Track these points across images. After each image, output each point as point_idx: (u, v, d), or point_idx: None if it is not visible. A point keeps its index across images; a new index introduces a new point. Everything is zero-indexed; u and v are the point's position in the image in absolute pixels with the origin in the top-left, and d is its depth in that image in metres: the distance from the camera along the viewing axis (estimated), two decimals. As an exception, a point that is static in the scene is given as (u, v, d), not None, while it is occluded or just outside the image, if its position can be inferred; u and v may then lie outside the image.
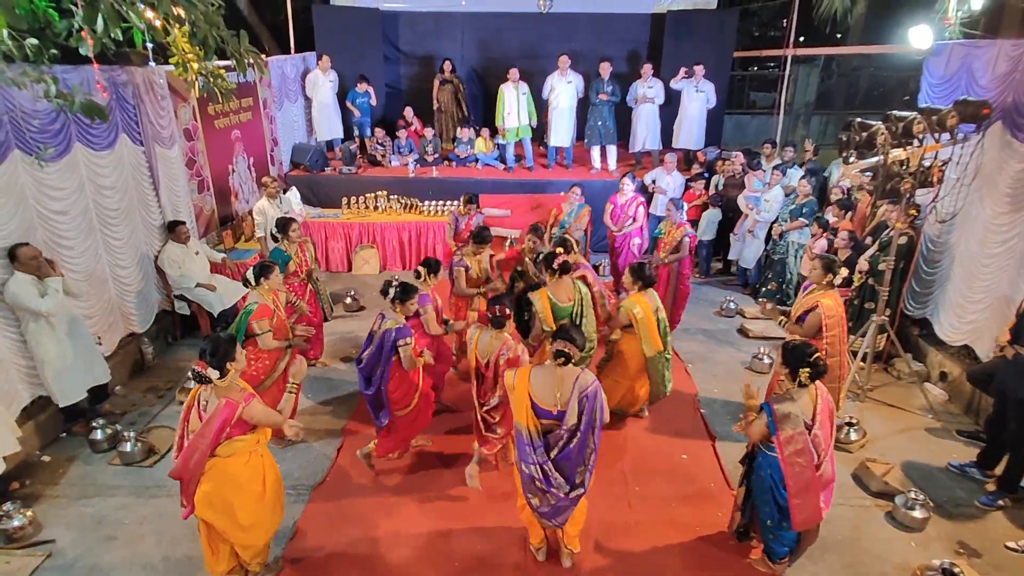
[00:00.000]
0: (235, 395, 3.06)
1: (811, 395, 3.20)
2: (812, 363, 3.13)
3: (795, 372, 3.18)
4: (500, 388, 3.75)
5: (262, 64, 4.80)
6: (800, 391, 3.20)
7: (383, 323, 4.06)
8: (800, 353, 3.18)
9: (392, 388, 4.09)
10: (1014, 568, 3.65)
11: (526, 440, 3.17)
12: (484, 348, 3.84)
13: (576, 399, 3.12)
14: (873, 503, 4.19)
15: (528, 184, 8.84)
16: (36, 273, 4.28)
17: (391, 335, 3.96)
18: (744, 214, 7.43)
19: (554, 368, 3.16)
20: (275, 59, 8.78)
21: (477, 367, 3.89)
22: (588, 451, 3.16)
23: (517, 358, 3.74)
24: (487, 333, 3.85)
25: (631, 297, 4.57)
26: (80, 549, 3.74)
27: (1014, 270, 4.79)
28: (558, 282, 4.44)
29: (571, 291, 4.44)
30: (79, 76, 4.59)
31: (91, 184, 5.01)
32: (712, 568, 3.65)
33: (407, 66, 10.89)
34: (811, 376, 3.15)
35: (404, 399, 4.16)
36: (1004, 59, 4.91)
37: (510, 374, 3.28)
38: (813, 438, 3.13)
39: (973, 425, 4.98)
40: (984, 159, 4.87)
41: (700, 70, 8.62)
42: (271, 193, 6.57)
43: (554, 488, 3.16)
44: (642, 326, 4.47)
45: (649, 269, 4.62)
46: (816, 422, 3.15)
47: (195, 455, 3.03)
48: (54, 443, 4.72)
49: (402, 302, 4.11)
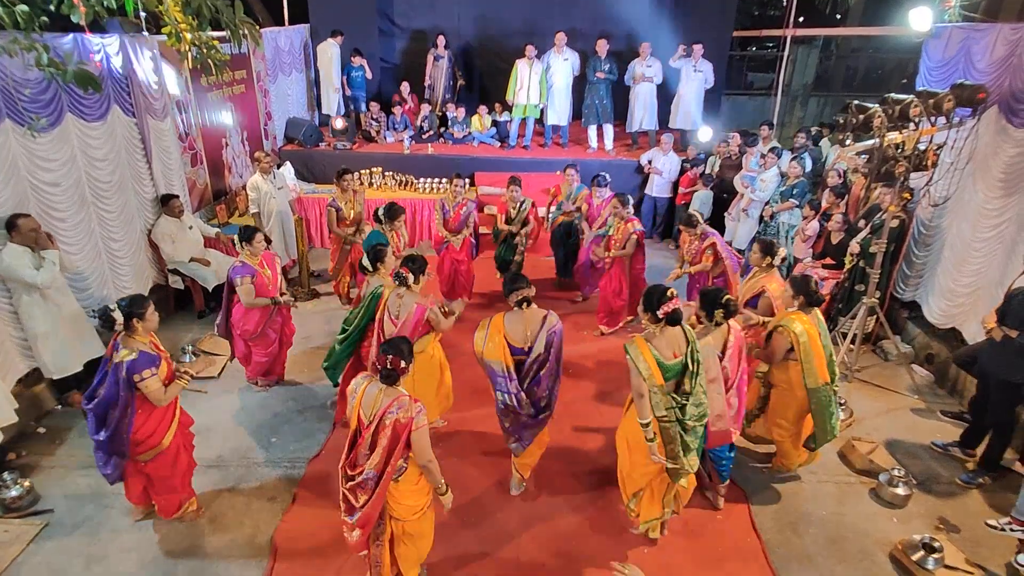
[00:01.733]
0: (422, 300, 3.89)
1: (723, 332, 3.57)
2: (724, 304, 3.51)
3: (711, 314, 3.54)
4: (378, 458, 2.81)
5: (257, 35, 4.73)
6: (714, 328, 3.57)
7: (116, 354, 3.29)
8: (713, 296, 3.56)
9: (136, 427, 3.36)
10: (991, 543, 3.76)
11: (502, 374, 3.59)
12: (369, 404, 2.89)
13: (545, 335, 3.58)
14: (857, 480, 4.29)
15: (524, 163, 8.81)
16: (33, 245, 4.26)
17: (123, 369, 3.23)
18: (739, 194, 7.45)
19: (521, 313, 3.63)
20: (269, 31, 8.63)
21: (358, 426, 2.92)
22: (553, 378, 3.65)
23: (410, 423, 2.80)
24: (375, 385, 2.91)
25: (791, 315, 3.88)
26: (78, 518, 3.79)
27: (1003, 255, 4.85)
28: (664, 332, 3.26)
29: (680, 343, 3.28)
30: (71, 44, 4.51)
31: (83, 156, 4.96)
32: (701, 537, 3.75)
33: (403, 40, 10.74)
34: (724, 315, 3.53)
35: (150, 440, 3.43)
36: (1003, 43, 4.91)
37: (484, 323, 3.68)
38: (722, 368, 3.50)
39: (957, 406, 5.09)
40: (979, 144, 4.89)
41: (699, 49, 8.53)
42: (264, 168, 6.51)
43: (523, 412, 3.63)
44: (804, 351, 3.75)
45: (814, 283, 3.90)
46: (726, 355, 3.52)
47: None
48: (49, 415, 4.74)
49: None
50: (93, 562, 3.51)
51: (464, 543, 3.68)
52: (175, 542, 3.65)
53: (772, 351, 3.92)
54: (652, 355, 3.21)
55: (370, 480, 2.83)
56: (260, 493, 4.03)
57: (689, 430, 3.27)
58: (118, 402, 3.25)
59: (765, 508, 4.01)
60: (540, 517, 3.89)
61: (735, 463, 4.05)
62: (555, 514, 3.92)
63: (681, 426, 3.26)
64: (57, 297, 4.49)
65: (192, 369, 3.68)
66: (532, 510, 3.95)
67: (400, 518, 3.00)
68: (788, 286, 3.99)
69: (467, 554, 3.61)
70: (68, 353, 4.61)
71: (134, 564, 3.50)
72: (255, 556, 3.56)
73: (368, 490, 2.86)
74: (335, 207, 6.10)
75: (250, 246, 4.70)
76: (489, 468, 4.26)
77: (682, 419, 3.25)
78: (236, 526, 3.76)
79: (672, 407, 3.24)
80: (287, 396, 5.05)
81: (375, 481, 2.83)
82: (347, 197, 6.17)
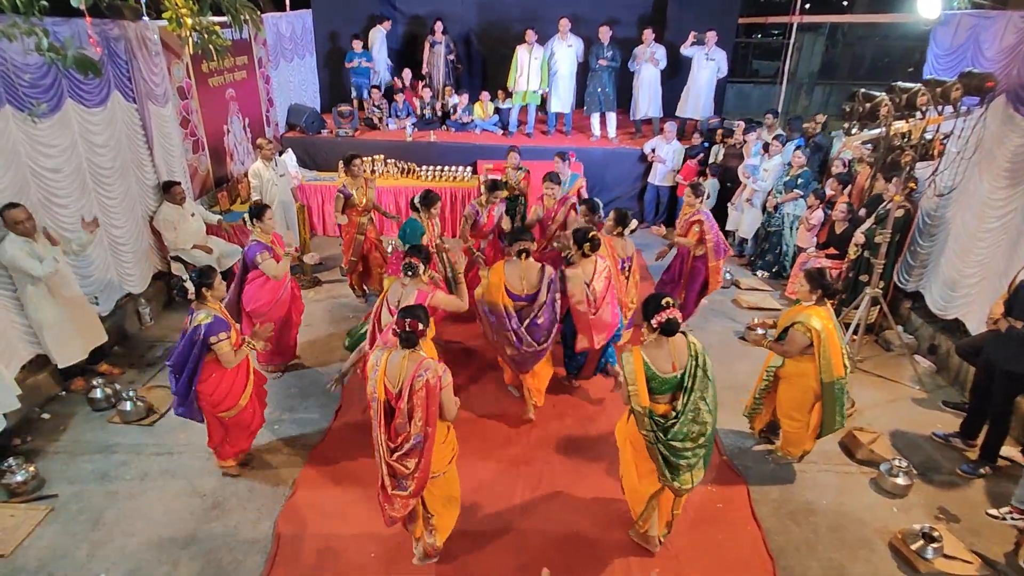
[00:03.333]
0: (424, 287, 3.92)
1: (592, 263, 4.40)
2: (590, 239, 4.33)
3: (580, 247, 4.32)
4: (420, 421, 2.93)
5: (258, 20, 4.70)
6: (583, 259, 4.39)
7: (193, 318, 3.66)
8: (583, 234, 4.36)
9: (208, 390, 3.73)
10: (990, 533, 3.78)
11: (504, 314, 4.24)
12: (395, 373, 2.96)
13: (546, 285, 4.28)
14: (858, 470, 4.30)
15: (527, 150, 8.74)
16: (30, 235, 4.24)
17: (200, 331, 3.58)
18: (743, 184, 7.41)
19: (519, 262, 4.23)
20: (270, 16, 8.56)
21: (386, 399, 3.00)
22: (551, 317, 4.32)
23: (438, 381, 2.94)
24: (396, 354, 2.99)
25: (807, 310, 3.82)
26: (82, 503, 3.82)
27: (1008, 245, 4.82)
28: (659, 341, 3.14)
29: (681, 354, 3.15)
30: (70, 29, 4.48)
31: (84, 141, 4.94)
32: (701, 525, 3.76)
33: (404, 26, 10.66)
34: (591, 248, 4.34)
35: (227, 399, 3.80)
36: (1012, 31, 4.84)
37: (485, 274, 4.31)
38: (592, 290, 4.34)
39: (959, 397, 5.08)
40: (985, 133, 4.85)
41: (712, 37, 8.35)
42: (267, 155, 6.46)
43: (524, 346, 4.28)
44: (823, 347, 3.73)
45: (829, 276, 3.99)
46: (592, 280, 4.36)
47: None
48: (53, 401, 4.76)
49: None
50: (97, 547, 3.54)
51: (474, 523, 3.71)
52: (179, 528, 3.68)
53: (789, 346, 3.88)
54: (643, 368, 3.10)
55: (419, 444, 2.96)
56: (263, 479, 4.06)
57: (677, 451, 3.12)
58: (188, 360, 3.63)
59: (765, 497, 4.03)
60: (544, 511, 3.92)
61: (737, 451, 4.05)
62: (558, 508, 3.95)
63: (665, 447, 3.13)
64: (61, 287, 4.49)
65: (257, 342, 3.90)
66: (535, 502, 3.98)
67: (435, 472, 3.12)
68: (804, 280, 3.90)
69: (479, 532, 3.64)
70: (73, 342, 4.63)
71: (138, 549, 3.54)
72: (258, 542, 3.59)
73: (417, 453, 2.97)
74: (345, 193, 5.89)
75: (261, 223, 4.70)
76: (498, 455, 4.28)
77: (665, 440, 3.11)
78: (239, 512, 3.79)
79: (651, 428, 3.11)
80: (290, 383, 5.06)
81: (423, 443, 2.96)
82: (358, 183, 6.01)
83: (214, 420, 3.86)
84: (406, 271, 3.88)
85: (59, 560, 3.45)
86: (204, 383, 3.70)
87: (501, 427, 4.59)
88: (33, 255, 4.20)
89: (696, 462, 3.19)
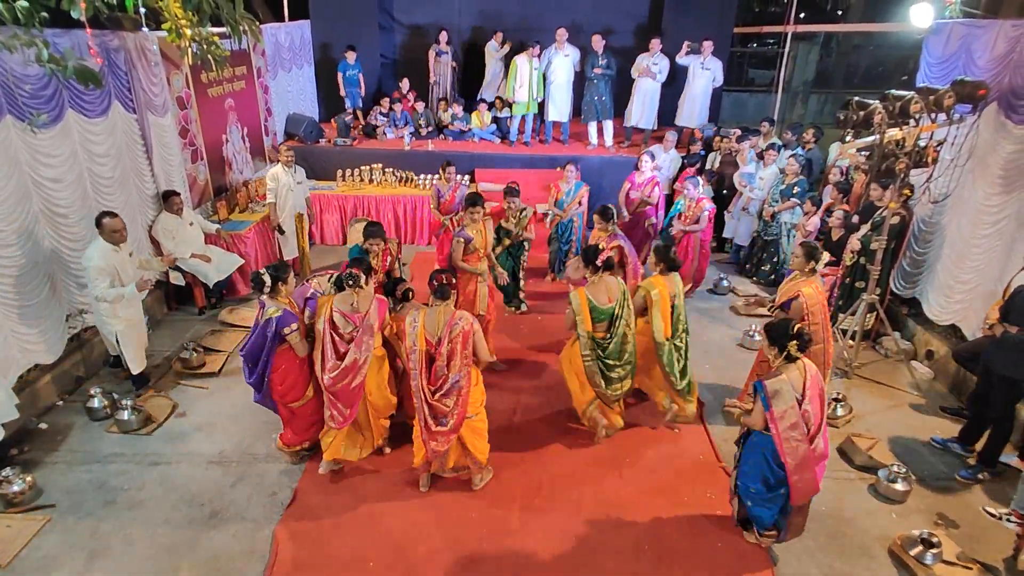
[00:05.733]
0: (379, 296, 3.89)
1: (800, 369, 3.26)
2: (797, 335, 3.20)
3: (782, 347, 3.24)
4: (458, 362, 3.58)
5: (257, 31, 4.73)
6: (789, 366, 3.26)
7: (264, 311, 3.80)
8: (783, 328, 3.26)
9: (278, 380, 3.91)
10: (989, 538, 3.78)
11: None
12: (432, 325, 3.61)
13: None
14: (857, 476, 4.30)
15: (525, 159, 8.81)
16: (118, 245, 4.58)
17: (272, 324, 3.75)
18: (739, 192, 7.44)
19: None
20: (269, 26, 8.61)
21: (427, 349, 3.62)
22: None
23: (471, 327, 3.60)
24: (432, 310, 3.64)
25: (651, 279, 4.40)
26: (80, 513, 3.81)
27: (1003, 251, 4.85)
28: (599, 280, 4.13)
29: (613, 290, 4.12)
30: (71, 41, 4.51)
31: (84, 152, 4.96)
32: (701, 536, 3.76)
33: (402, 35, 10.73)
34: (799, 347, 3.21)
35: (294, 391, 3.96)
36: (1003, 40, 4.90)
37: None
38: (803, 412, 3.20)
39: (957, 402, 5.10)
40: (978, 140, 4.89)
41: (708, 46, 8.44)
42: (287, 161, 6.60)
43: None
44: (655, 308, 4.27)
45: (674, 252, 4.44)
46: (806, 396, 3.21)
47: (366, 353, 3.75)
48: (51, 411, 4.75)
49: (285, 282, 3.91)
50: (95, 557, 3.52)
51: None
52: (177, 537, 3.67)
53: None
54: (587, 302, 4.06)
55: (456, 383, 3.60)
56: (262, 488, 4.05)
57: (612, 366, 4.13)
58: (263, 351, 3.82)
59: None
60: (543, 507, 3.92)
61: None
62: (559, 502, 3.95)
63: (602, 363, 4.12)
64: (131, 303, 4.78)
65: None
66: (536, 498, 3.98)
67: (469, 414, 3.70)
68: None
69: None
70: (139, 351, 4.95)
71: (136, 558, 3.52)
72: (257, 550, 3.58)
73: (456, 392, 3.61)
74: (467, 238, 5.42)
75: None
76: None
77: (602, 357, 4.11)
78: (238, 521, 3.78)
79: (592, 348, 4.10)
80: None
81: (459, 382, 3.60)
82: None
83: (284, 409, 4.07)
84: (351, 283, 3.76)
85: (57, 570, 3.44)
86: (275, 372, 3.88)
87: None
88: (111, 265, 4.50)
89: (625, 376, 4.21)
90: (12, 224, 4.29)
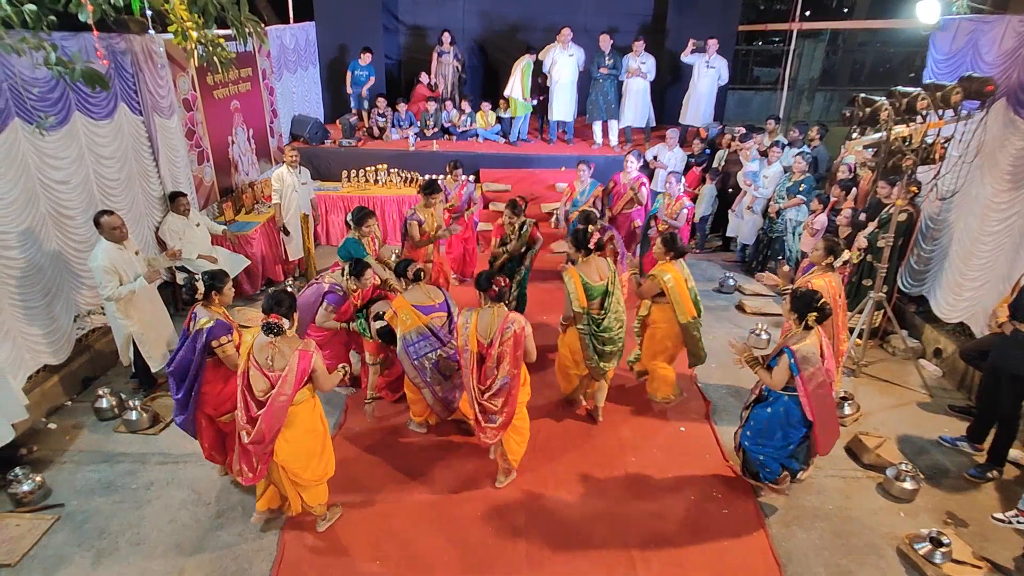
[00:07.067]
0: (303, 345, 3.26)
1: (817, 335, 3.60)
2: (819, 307, 3.51)
3: (803, 316, 3.55)
4: (508, 365, 3.61)
5: (262, 33, 4.75)
6: (808, 332, 3.57)
7: (196, 321, 3.59)
8: (808, 299, 3.56)
9: (211, 392, 3.69)
10: (999, 538, 3.75)
11: (423, 337, 4.07)
12: (485, 327, 3.66)
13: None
14: (865, 474, 4.28)
15: (529, 159, 8.80)
16: (120, 243, 4.54)
17: (203, 335, 3.53)
18: (743, 191, 7.42)
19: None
20: (274, 28, 8.65)
21: (478, 350, 3.68)
22: None
23: (523, 331, 3.63)
24: (486, 311, 3.69)
25: (661, 266, 4.57)
26: (88, 512, 3.83)
27: (1012, 248, 4.81)
28: (589, 260, 4.36)
29: (603, 270, 4.35)
30: (78, 44, 4.54)
31: (91, 154, 4.99)
32: (709, 537, 3.75)
33: (407, 37, 10.75)
34: (817, 319, 3.52)
35: (229, 402, 3.65)
36: (1011, 35, 4.86)
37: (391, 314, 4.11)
38: (827, 371, 3.58)
39: (965, 400, 5.06)
40: (986, 137, 4.86)
41: (713, 44, 8.42)
42: (292, 162, 6.65)
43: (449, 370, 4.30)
44: (673, 293, 4.49)
45: (680, 240, 4.66)
46: (824, 357, 3.60)
47: (280, 412, 3.21)
48: (59, 411, 4.79)
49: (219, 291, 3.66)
50: (103, 556, 3.54)
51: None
52: (184, 536, 3.68)
53: (645, 292, 4.63)
54: (580, 280, 4.24)
55: (506, 384, 3.63)
56: (268, 488, 4.05)
57: (605, 341, 4.28)
58: (191, 365, 3.58)
59: (771, 502, 4.01)
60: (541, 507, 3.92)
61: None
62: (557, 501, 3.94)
63: (595, 338, 4.28)
64: (147, 296, 4.84)
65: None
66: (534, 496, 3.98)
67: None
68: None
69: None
70: (158, 349, 4.94)
71: (144, 558, 3.54)
72: (263, 549, 3.59)
73: (504, 392, 3.64)
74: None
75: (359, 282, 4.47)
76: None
77: (596, 332, 4.27)
78: (244, 520, 3.79)
79: (588, 323, 4.27)
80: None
81: (509, 383, 3.63)
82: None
83: (211, 429, 3.83)
84: (266, 331, 3.19)
85: (64, 569, 3.46)
86: (206, 384, 3.68)
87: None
88: (117, 265, 4.46)
89: (616, 352, 4.38)
90: (20, 226, 4.32)
